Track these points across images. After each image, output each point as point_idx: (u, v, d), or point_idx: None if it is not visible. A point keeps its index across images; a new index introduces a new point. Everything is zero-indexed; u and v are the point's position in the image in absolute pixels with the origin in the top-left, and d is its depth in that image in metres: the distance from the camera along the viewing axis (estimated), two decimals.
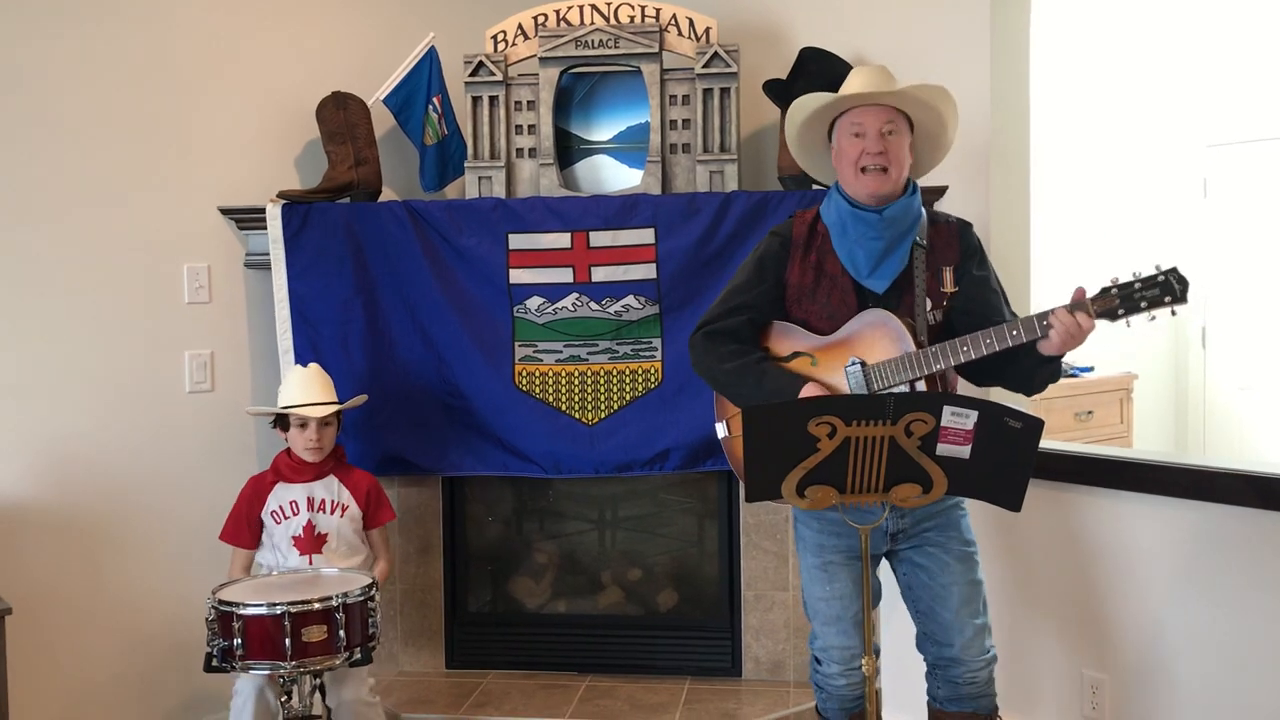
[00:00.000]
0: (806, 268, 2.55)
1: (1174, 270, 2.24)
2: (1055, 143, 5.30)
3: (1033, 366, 2.43)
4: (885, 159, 2.45)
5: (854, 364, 2.45)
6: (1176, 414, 6.31)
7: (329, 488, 3.22)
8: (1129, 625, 2.94)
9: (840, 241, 2.52)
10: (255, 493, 3.20)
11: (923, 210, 2.56)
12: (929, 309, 2.50)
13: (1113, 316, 2.29)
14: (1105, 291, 2.30)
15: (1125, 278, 2.28)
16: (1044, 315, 2.33)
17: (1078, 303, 2.31)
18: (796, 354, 2.55)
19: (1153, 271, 2.26)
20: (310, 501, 3.19)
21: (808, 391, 2.41)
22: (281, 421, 3.21)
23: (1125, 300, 2.27)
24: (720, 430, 2.72)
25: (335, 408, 3.20)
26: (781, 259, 2.57)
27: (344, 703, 3.01)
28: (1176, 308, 2.25)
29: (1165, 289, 2.24)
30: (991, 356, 2.38)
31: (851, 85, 2.51)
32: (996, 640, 2.61)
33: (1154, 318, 2.28)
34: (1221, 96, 6.04)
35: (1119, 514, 2.95)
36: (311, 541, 3.16)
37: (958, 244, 2.56)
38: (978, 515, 2.63)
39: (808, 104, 2.55)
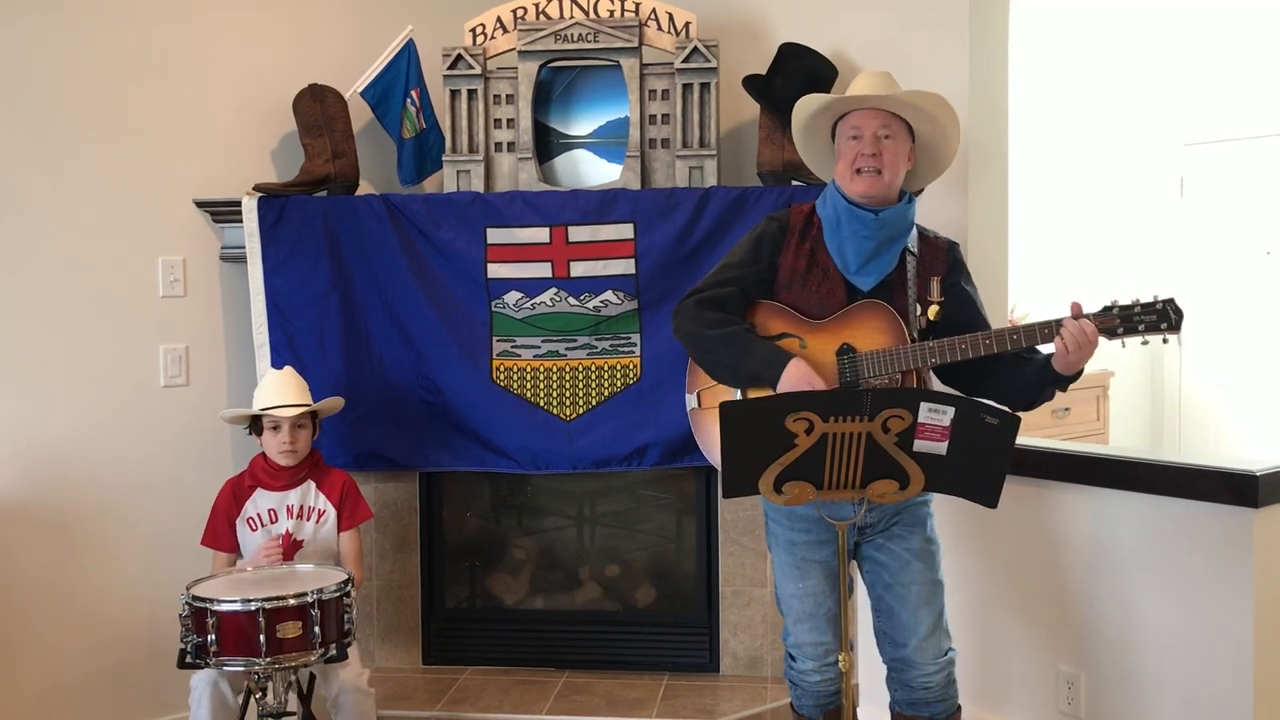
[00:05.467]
0: (800, 254, 2.58)
1: (1171, 301, 2.36)
2: (1034, 141, 5.32)
3: (1042, 383, 2.47)
4: (879, 161, 2.48)
5: (845, 350, 2.47)
6: (1152, 411, 6.36)
7: (306, 494, 3.20)
8: (1104, 621, 2.95)
9: (832, 236, 2.55)
10: (234, 497, 3.18)
11: (915, 221, 2.60)
12: (918, 314, 2.52)
13: (1111, 335, 2.39)
14: (1106, 310, 2.39)
15: (1125, 301, 2.38)
16: (1048, 323, 2.39)
17: (1079, 315, 2.38)
18: (785, 335, 2.56)
19: (1151, 299, 2.37)
20: (290, 509, 3.17)
21: (791, 369, 2.42)
22: (256, 425, 3.18)
23: (1125, 321, 2.38)
24: (690, 402, 2.72)
25: (306, 408, 3.17)
26: (778, 242, 2.60)
27: (340, 691, 2.99)
28: (1169, 336, 2.37)
29: (1162, 317, 2.36)
30: (1000, 369, 2.47)
31: (853, 90, 2.55)
32: (973, 636, 2.61)
33: (1146, 342, 2.38)
34: (1198, 96, 6.08)
35: (1095, 510, 2.96)
36: (288, 548, 3.13)
37: (945, 258, 2.61)
38: (954, 511, 2.64)
39: (808, 105, 2.59)
